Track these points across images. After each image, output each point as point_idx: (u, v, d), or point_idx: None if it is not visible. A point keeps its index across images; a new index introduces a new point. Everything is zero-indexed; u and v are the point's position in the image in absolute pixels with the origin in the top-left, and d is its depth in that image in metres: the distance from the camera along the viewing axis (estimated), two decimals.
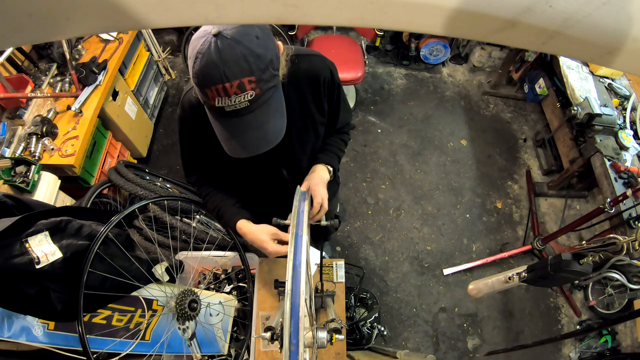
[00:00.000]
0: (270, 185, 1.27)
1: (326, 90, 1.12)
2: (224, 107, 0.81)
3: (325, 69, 1.10)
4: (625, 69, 0.30)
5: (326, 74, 1.10)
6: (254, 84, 0.79)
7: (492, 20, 0.27)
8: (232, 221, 1.17)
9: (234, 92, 0.79)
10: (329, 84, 1.12)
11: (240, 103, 0.81)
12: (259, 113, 0.84)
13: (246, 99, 0.80)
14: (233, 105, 0.81)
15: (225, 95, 0.79)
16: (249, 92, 0.80)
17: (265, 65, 0.80)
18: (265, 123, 0.87)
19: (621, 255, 1.25)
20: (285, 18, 0.28)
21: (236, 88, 0.78)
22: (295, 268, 0.71)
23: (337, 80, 1.15)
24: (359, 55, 2.88)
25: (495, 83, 3.42)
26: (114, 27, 0.29)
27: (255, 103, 0.82)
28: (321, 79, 1.09)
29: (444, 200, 2.90)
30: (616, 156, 2.30)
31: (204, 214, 1.92)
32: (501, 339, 2.43)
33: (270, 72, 0.82)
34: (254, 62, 0.78)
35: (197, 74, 0.79)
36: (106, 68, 2.27)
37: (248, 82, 0.79)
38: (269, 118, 0.87)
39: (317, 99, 1.12)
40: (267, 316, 1.43)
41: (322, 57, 1.12)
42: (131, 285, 1.35)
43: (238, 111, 0.82)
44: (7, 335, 1.30)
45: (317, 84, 1.09)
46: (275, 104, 0.88)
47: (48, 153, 1.95)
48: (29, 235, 1.16)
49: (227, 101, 0.80)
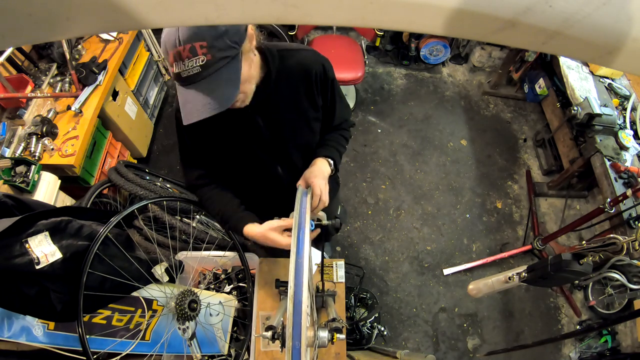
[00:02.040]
0: (266, 183, 1.27)
1: (319, 85, 1.12)
2: (180, 73, 0.85)
3: (317, 64, 1.10)
4: (625, 69, 0.30)
5: (318, 69, 1.10)
6: (205, 49, 0.83)
7: (492, 20, 0.27)
8: (238, 227, 1.16)
9: (186, 55, 0.82)
10: (322, 78, 1.12)
11: (193, 68, 0.84)
12: (210, 80, 0.87)
13: (197, 63, 0.83)
14: (187, 71, 0.84)
15: (180, 59, 0.83)
16: (200, 57, 0.83)
17: (219, 34, 0.83)
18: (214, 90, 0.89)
19: (621, 255, 1.25)
20: (285, 18, 0.28)
21: (188, 52, 0.82)
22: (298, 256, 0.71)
23: (331, 75, 1.15)
24: (359, 55, 2.88)
25: (495, 83, 3.42)
26: (114, 27, 0.29)
27: (207, 69, 0.85)
28: (312, 73, 1.09)
29: (444, 200, 2.90)
30: (616, 156, 2.30)
31: (204, 214, 1.93)
32: (501, 339, 2.43)
33: (224, 42, 0.85)
34: (207, 29, 0.82)
35: (162, 42, 0.85)
36: (106, 68, 2.27)
37: (200, 46, 0.82)
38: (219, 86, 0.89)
39: (310, 94, 1.12)
40: (267, 316, 1.43)
41: (315, 52, 1.13)
42: (131, 286, 1.34)
43: (191, 77, 0.85)
44: (7, 335, 1.30)
45: (309, 79, 1.09)
46: (228, 74, 0.89)
47: (48, 153, 1.95)
48: (29, 236, 1.16)
49: (181, 66, 0.84)
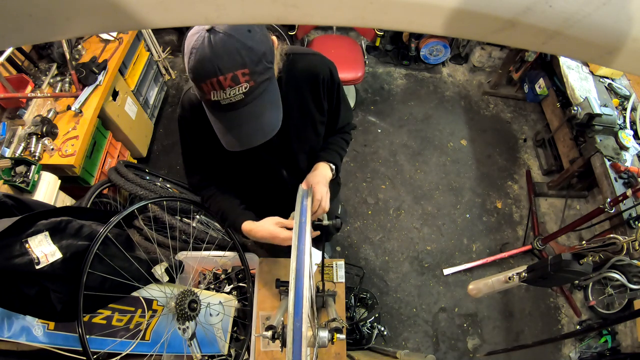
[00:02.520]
0: (270, 186, 1.27)
1: (325, 89, 1.12)
2: (219, 101, 0.82)
3: (324, 68, 1.10)
4: (625, 69, 0.30)
5: (325, 73, 1.10)
6: (248, 77, 0.80)
7: (492, 20, 0.27)
8: (237, 223, 1.16)
9: (228, 84, 0.80)
10: (329, 83, 1.12)
11: (235, 96, 0.81)
12: (254, 105, 0.85)
13: (240, 91, 0.81)
14: (228, 99, 0.82)
15: (220, 88, 0.80)
16: (243, 85, 0.81)
17: (259, 58, 0.81)
18: (260, 115, 0.88)
19: (621, 255, 1.25)
20: (285, 18, 0.28)
21: (230, 81, 0.79)
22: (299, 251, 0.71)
23: (337, 80, 1.15)
24: (359, 55, 2.88)
25: (495, 83, 3.42)
26: (114, 27, 0.29)
27: (250, 95, 0.83)
28: (320, 78, 1.09)
29: (444, 200, 2.90)
30: (616, 156, 2.30)
31: (204, 214, 1.93)
32: (501, 339, 2.43)
33: (263, 65, 0.83)
34: (247, 54, 0.79)
35: (192, 69, 0.80)
36: (106, 68, 2.27)
37: (242, 74, 0.80)
38: (264, 110, 0.88)
39: (316, 98, 1.12)
40: (267, 316, 1.43)
41: (322, 56, 1.12)
42: (131, 286, 1.34)
43: (233, 104, 0.83)
44: (7, 335, 1.30)
45: (316, 83, 1.09)
46: (270, 97, 0.88)
47: (48, 153, 1.95)
48: (29, 236, 1.16)
49: (222, 94, 0.81)
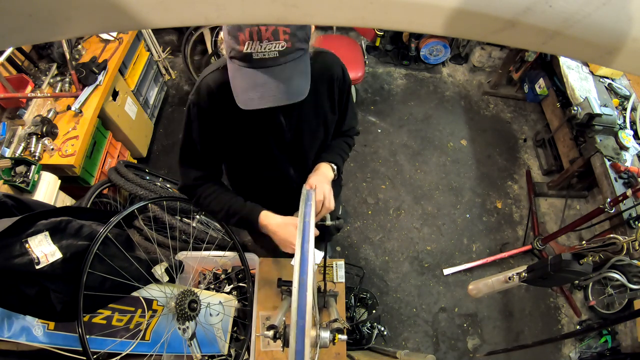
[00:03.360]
0: (276, 184, 1.26)
1: (338, 89, 1.12)
2: (252, 54, 0.80)
3: (338, 67, 1.10)
4: (625, 69, 0.30)
5: (339, 72, 1.10)
6: (288, 36, 0.79)
7: (492, 21, 0.27)
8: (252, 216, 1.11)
9: (267, 37, 0.78)
10: (341, 82, 1.12)
11: (270, 52, 0.79)
12: (285, 67, 0.83)
13: (277, 48, 0.79)
14: (262, 52, 0.79)
15: (258, 39, 0.78)
16: (281, 42, 0.79)
17: (302, 25, 0.80)
18: (289, 78, 0.85)
19: (621, 255, 1.25)
20: (285, 18, 0.28)
21: (270, 34, 0.77)
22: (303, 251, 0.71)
23: (348, 80, 1.15)
24: (359, 55, 2.88)
25: (495, 83, 3.42)
26: (114, 27, 0.29)
27: (285, 57, 0.81)
28: (335, 76, 1.09)
29: (444, 200, 2.90)
30: (616, 156, 2.30)
31: (204, 214, 1.92)
32: (501, 339, 2.43)
33: (304, 34, 0.82)
34: None
35: None
36: (106, 68, 2.27)
37: (283, 31, 0.78)
38: (294, 75, 0.85)
39: (331, 96, 1.12)
40: (267, 316, 1.43)
41: (334, 54, 1.12)
42: (131, 286, 1.35)
43: (265, 60, 0.81)
44: (7, 335, 1.30)
45: (332, 81, 1.09)
46: (301, 66, 0.86)
47: (48, 153, 1.95)
48: (29, 236, 1.16)
49: (257, 46, 0.79)
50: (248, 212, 1.13)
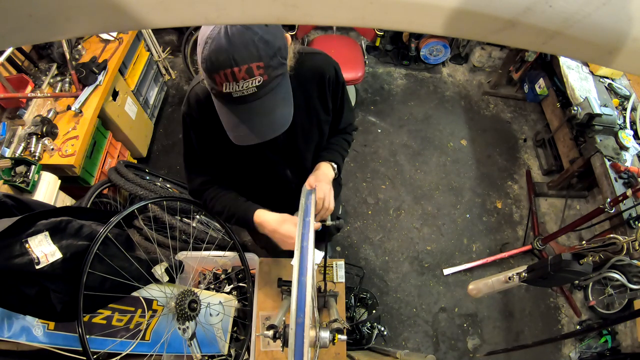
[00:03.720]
0: (274, 186, 1.26)
1: (331, 89, 1.12)
2: (231, 93, 0.81)
3: (329, 67, 1.10)
4: (625, 69, 0.30)
5: (331, 73, 1.10)
6: (262, 70, 0.80)
7: (492, 21, 0.27)
8: (248, 213, 1.13)
9: (242, 77, 0.79)
10: (334, 82, 1.12)
11: (248, 89, 0.81)
12: (266, 100, 0.84)
13: (254, 84, 0.80)
14: (241, 91, 0.81)
15: (234, 80, 0.79)
16: (257, 78, 0.80)
17: (274, 52, 0.81)
18: (272, 110, 0.87)
19: (621, 255, 1.25)
20: (285, 18, 0.28)
21: (244, 73, 0.78)
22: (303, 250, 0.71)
23: (342, 79, 1.15)
24: (359, 55, 2.88)
25: (495, 83, 3.42)
26: (114, 27, 0.29)
27: (263, 89, 0.82)
28: (326, 77, 1.09)
29: (444, 200, 2.90)
30: (616, 156, 2.30)
31: (204, 214, 1.92)
32: (501, 339, 2.43)
33: (278, 60, 0.83)
34: (263, 48, 0.79)
35: (206, 58, 0.79)
36: (106, 68, 2.27)
37: (256, 67, 0.79)
38: (276, 105, 0.87)
39: (322, 97, 1.13)
40: (267, 316, 1.43)
41: (327, 55, 1.13)
42: (131, 286, 1.34)
43: (245, 97, 0.82)
44: (7, 335, 1.30)
45: (322, 82, 1.10)
46: (282, 92, 0.88)
47: (48, 153, 1.95)
48: (29, 236, 1.16)
49: (235, 86, 0.80)
50: (243, 212, 1.15)
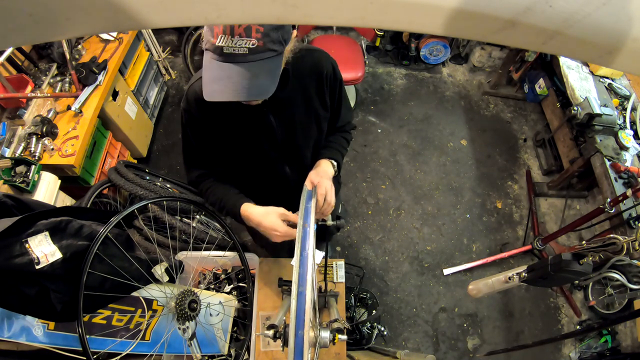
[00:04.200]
0: (273, 182, 1.27)
1: (329, 85, 1.13)
2: (223, 47, 0.82)
3: (327, 64, 1.11)
4: (625, 69, 0.30)
5: (329, 69, 1.11)
6: (260, 35, 0.80)
7: (492, 21, 0.27)
8: (236, 207, 1.15)
9: (239, 32, 0.79)
10: (332, 79, 1.13)
11: (240, 47, 0.81)
12: (253, 65, 0.84)
13: (247, 45, 0.81)
14: (233, 47, 0.81)
15: (230, 34, 0.80)
16: (252, 40, 0.80)
17: (277, 25, 0.81)
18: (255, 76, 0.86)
19: (621, 255, 1.25)
20: (285, 18, 0.28)
21: (242, 30, 0.79)
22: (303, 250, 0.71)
23: (339, 76, 1.16)
24: (359, 55, 2.88)
25: (495, 83, 3.42)
26: (114, 27, 0.29)
27: (254, 55, 0.82)
28: (324, 74, 1.10)
29: (444, 200, 2.90)
30: (616, 156, 2.30)
31: (204, 214, 1.92)
32: (501, 339, 2.43)
33: (278, 35, 0.83)
34: None
35: None
36: (106, 68, 2.27)
37: (255, 30, 0.80)
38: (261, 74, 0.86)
39: (321, 94, 1.13)
40: (267, 316, 1.43)
41: (324, 51, 1.14)
42: (131, 286, 1.34)
43: (235, 56, 0.82)
44: (7, 335, 1.30)
45: (320, 79, 1.10)
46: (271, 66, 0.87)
47: (48, 153, 1.95)
48: (29, 236, 1.16)
49: (228, 41, 0.80)
50: (232, 204, 1.17)
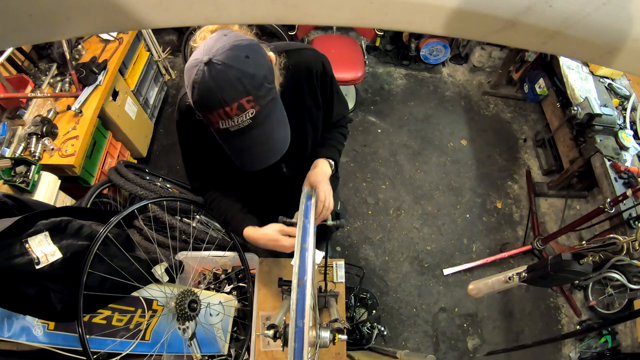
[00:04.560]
0: (269, 181, 1.28)
1: (319, 82, 1.13)
2: (228, 128, 0.85)
3: (317, 62, 1.11)
4: (625, 69, 0.30)
5: (318, 67, 1.11)
6: (253, 103, 0.82)
7: (493, 20, 0.27)
8: (239, 228, 1.18)
9: (235, 113, 0.82)
10: (322, 76, 1.13)
11: (243, 122, 0.84)
12: (262, 128, 0.87)
13: (248, 117, 0.83)
14: (237, 125, 0.84)
15: (227, 117, 0.82)
16: (249, 111, 0.83)
17: (260, 83, 0.83)
18: (270, 136, 0.90)
19: (621, 255, 1.25)
20: (285, 18, 0.28)
21: (236, 110, 0.81)
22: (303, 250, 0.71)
23: (330, 72, 1.16)
24: (359, 55, 2.88)
25: (495, 83, 3.42)
26: (114, 27, 0.29)
27: (257, 119, 0.85)
28: (314, 71, 1.10)
29: (444, 200, 2.90)
30: (616, 156, 2.30)
31: (204, 214, 1.92)
32: (501, 339, 2.43)
33: (265, 88, 0.85)
34: (249, 82, 0.81)
35: (196, 102, 0.83)
36: (106, 68, 2.27)
37: (246, 102, 0.81)
38: (273, 130, 0.90)
39: (313, 92, 1.14)
40: (267, 316, 1.43)
41: (314, 50, 1.14)
42: (131, 286, 1.34)
43: (243, 129, 0.85)
44: (7, 335, 1.30)
45: (311, 78, 1.11)
46: (276, 116, 0.90)
47: (48, 153, 1.95)
48: (29, 236, 1.16)
49: (230, 123, 0.83)
50: (235, 224, 1.20)
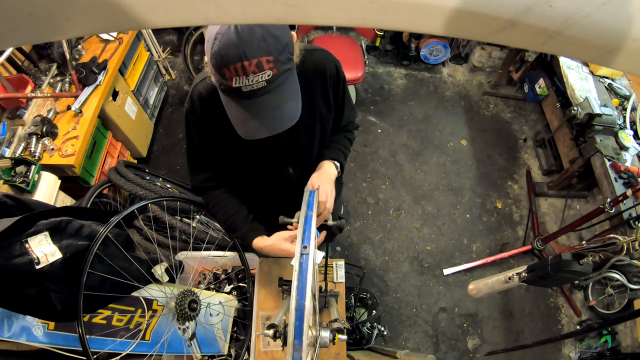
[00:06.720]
0: (276, 183, 1.26)
1: (332, 85, 1.13)
2: (241, 88, 0.82)
3: (330, 64, 1.10)
4: (625, 69, 0.30)
5: (332, 69, 1.10)
6: (272, 64, 0.80)
7: (492, 21, 0.27)
8: (247, 238, 1.17)
9: (252, 70, 0.79)
10: (335, 78, 1.12)
11: (258, 83, 0.81)
12: (275, 94, 0.85)
13: (263, 78, 0.81)
14: (250, 85, 0.81)
15: (244, 74, 0.79)
16: (267, 72, 0.80)
17: (283, 47, 0.81)
18: (281, 104, 0.87)
19: (621, 255, 1.25)
20: (285, 18, 0.28)
21: (254, 67, 0.79)
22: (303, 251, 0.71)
23: (342, 76, 1.15)
24: (359, 55, 2.88)
25: (495, 83, 3.42)
26: (114, 27, 0.29)
27: (272, 84, 0.83)
28: (327, 73, 1.09)
29: (444, 200, 2.90)
30: (616, 156, 2.30)
31: (204, 214, 1.92)
32: (501, 339, 2.43)
33: (286, 55, 0.83)
34: (273, 42, 0.79)
35: (215, 54, 0.79)
36: (106, 68, 2.27)
37: (266, 61, 0.79)
38: (285, 99, 0.88)
39: (325, 94, 1.13)
40: (267, 316, 1.43)
41: (326, 51, 1.13)
42: (131, 286, 1.34)
43: (255, 91, 0.83)
44: (7, 335, 1.30)
45: (324, 78, 1.10)
46: (290, 86, 0.88)
47: (48, 153, 1.95)
48: (29, 236, 1.16)
49: (244, 80, 0.80)
50: (243, 234, 1.19)
